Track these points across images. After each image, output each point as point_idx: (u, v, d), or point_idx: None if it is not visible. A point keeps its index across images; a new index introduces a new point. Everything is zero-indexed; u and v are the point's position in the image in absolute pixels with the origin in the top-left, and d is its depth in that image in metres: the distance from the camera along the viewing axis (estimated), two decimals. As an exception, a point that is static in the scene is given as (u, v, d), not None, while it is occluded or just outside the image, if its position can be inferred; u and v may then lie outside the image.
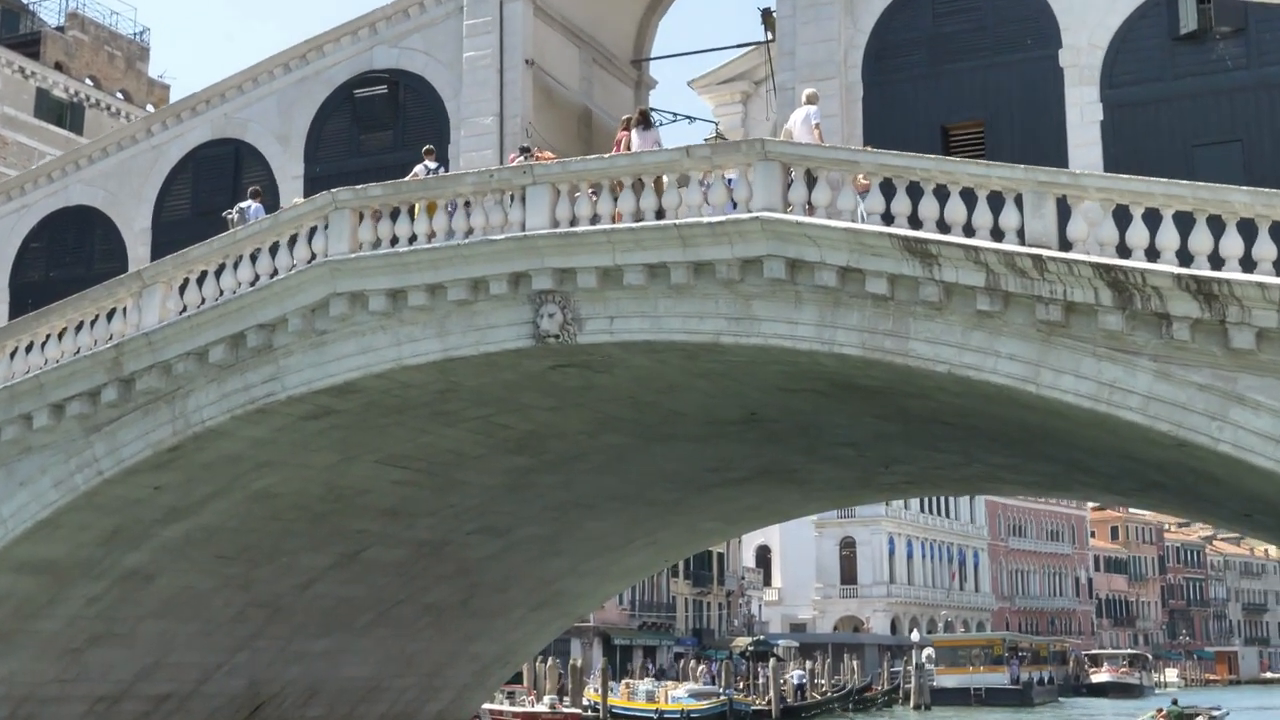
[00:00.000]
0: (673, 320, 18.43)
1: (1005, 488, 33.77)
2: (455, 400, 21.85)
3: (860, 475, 32.23)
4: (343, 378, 20.27)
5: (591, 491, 29.57)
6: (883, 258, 16.94)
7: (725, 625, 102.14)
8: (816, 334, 17.65)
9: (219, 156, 26.33)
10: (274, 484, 23.75)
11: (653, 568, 40.32)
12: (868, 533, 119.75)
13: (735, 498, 33.24)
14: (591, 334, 18.93)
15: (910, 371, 17.73)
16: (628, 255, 18.28)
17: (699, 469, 29.49)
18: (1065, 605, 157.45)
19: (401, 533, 27.92)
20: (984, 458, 28.15)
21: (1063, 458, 25.19)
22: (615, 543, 34.47)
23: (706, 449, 27.48)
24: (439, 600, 31.87)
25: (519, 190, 19.05)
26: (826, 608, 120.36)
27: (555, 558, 33.40)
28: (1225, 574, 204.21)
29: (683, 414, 23.94)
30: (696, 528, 36.11)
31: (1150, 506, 32.18)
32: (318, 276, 19.94)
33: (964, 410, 20.72)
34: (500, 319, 19.36)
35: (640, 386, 21.68)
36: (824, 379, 19.95)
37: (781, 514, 37.81)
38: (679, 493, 31.47)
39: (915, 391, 19.77)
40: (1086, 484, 29.96)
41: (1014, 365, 16.66)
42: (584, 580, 36.43)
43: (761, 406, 23.17)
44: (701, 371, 20.40)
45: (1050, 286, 16.13)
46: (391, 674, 33.48)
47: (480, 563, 31.29)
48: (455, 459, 25.08)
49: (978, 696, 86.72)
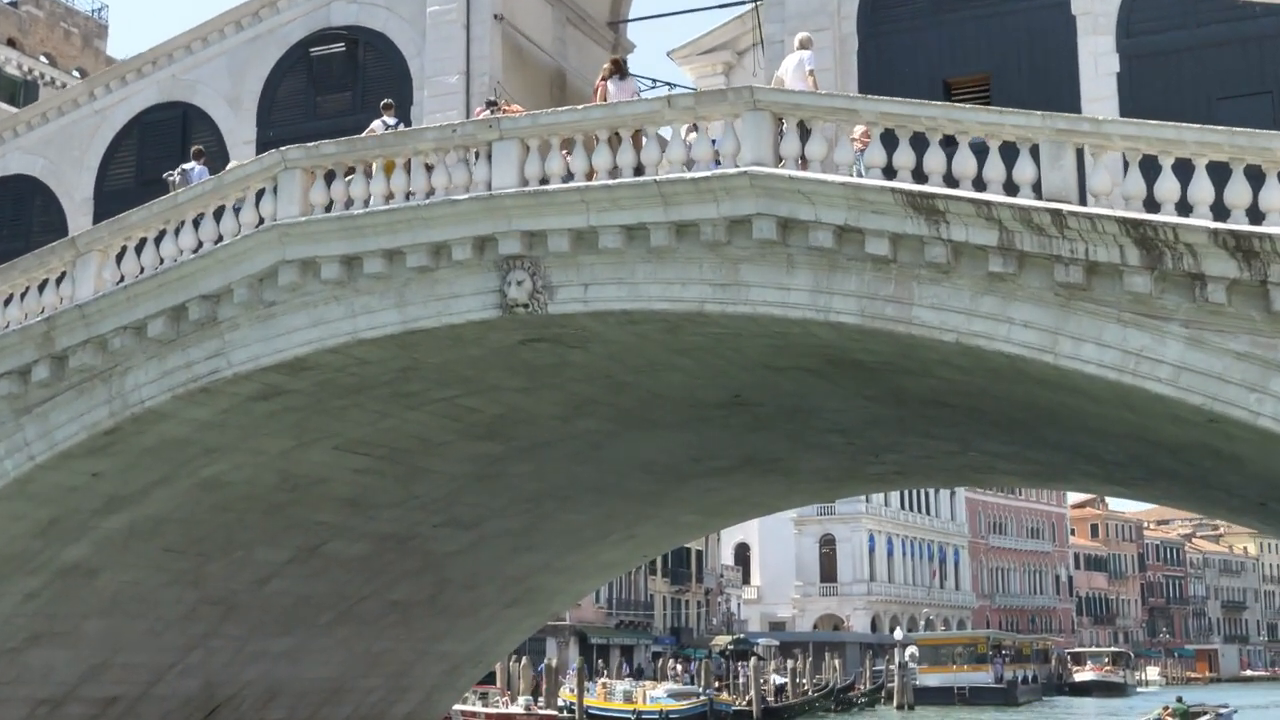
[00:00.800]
0: (652, 288, 16.83)
1: (1000, 479, 32.29)
2: (417, 379, 20.25)
3: (848, 465, 30.70)
4: (293, 353, 18.61)
5: (565, 482, 27.99)
6: (884, 215, 15.37)
7: (704, 624, 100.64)
8: (810, 301, 16.07)
9: (166, 121, 24.60)
10: (223, 471, 22.10)
11: (630, 563, 38.67)
12: (848, 530, 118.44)
13: (717, 489, 31.70)
14: (564, 303, 17.32)
15: (913, 342, 16.17)
16: (603, 216, 16.68)
17: (680, 458, 27.93)
18: (1045, 603, 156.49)
19: (363, 525, 26.29)
20: (981, 445, 26.63)
21: (1067, 444, 23.70)
22: (591, 537, 32.89)
23: (688, 436, 25.94)
24: (405, 597, 30.27)
25: (484, 147, 17.44)
26: (806, 606, 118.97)
27: (527, 552, 31.81)
28: (1204, 572, 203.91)
29: (663, 397, 22.38)
30: (676, 521, 34.53)
31: (1153, 497, 30.73)
32: (265, 242, 18.30)
33: (967, 389, 19.19)
34: (464, 287, 17.74)
35: (617, 365, 20.10)
36: (816, 355, 18.40)
37: (765, 507, 36.24)
38: (658, 483, 29.91)
39: (915, 368, 18.23)
40: (1088, 474, 28.47)
41: (1029, 333, 15.09)
42: (558, 576, 34.84)
43: (747, 388, 21.62)
44: (683, 347, 18.83)
45: (1070, 245, 14.56)
46: (356, 674, 31.86)
47: (448, 557, 29.70)
48: (419, 445, 23.47)
49: (961, 696, 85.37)
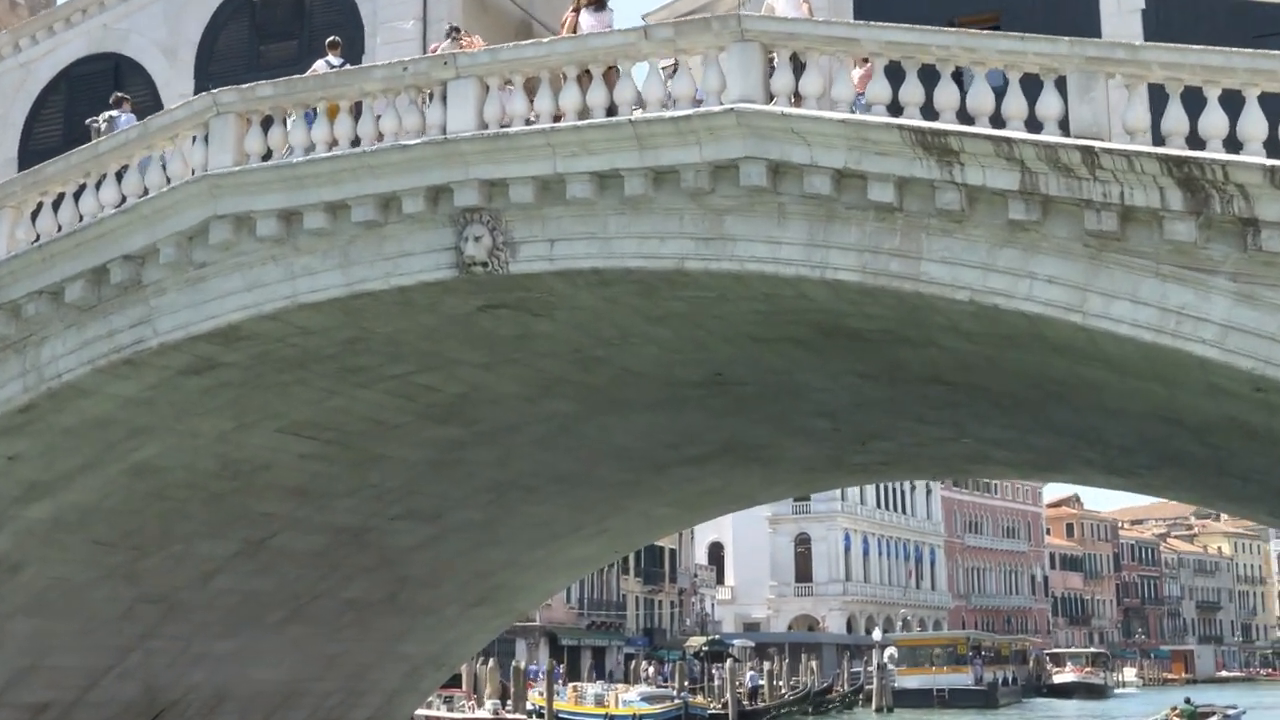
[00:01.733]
0: (626, 243, 14.98)
1: (991, 470, 30.60)
2: (367, 353, 18.36)
3: (833, 454, 28.93)
4: (226, 320, 16.68)
5: (532, 470, 26.13)
6: (890, 157, 13.55)
7: (677, 624, 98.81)
8: (805, 255, 14.24)
9: (96, 74, 22.61)
10: (156, 455, 20.16)
11: (602, 560, 36.85)
12: (823, 529, 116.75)
13: (694, 479, 29.88)
14: (527, 261, 15.45)
15: (919, 304, 14.36)
16: (572, 162, 14.83)
17: (655, 444, 26.11)
18: (1021, 604, 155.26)
19: (314, 517, 24.38)
20: (977, 431, 24.89)
21: (1073, 427, 21.96)
22: (560, 531, 31.04)
23: (663, 420, 24.13)
24: (362, 595, 28.36)
25: (439, 87, 15.55)
26: (781, 606, 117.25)
27: (492, 547, 29.93)
28: (1179, 572, 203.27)
29: (637, 374, 20.56)
30: (650, 514, 32.70)
31: (1153, 488, 29.05)
32: (194, 195, 16.39)
33: (972, 362, 17.42)
34: (416, 244, 15.85)
35: (587, 336, 18.27)
36: (807, 322, 16.59)
37: (743, 499, 34.43)
38: (631, 473, 28.08)
39: (916, 337, 16.43)
40: (1088, 462, 26.74)
41: (1054, 290, 13.28)
42: (525, 573, 32.97)
43: (729, 364, 19.82)
44: (660, 314, 16.99)
45: (1103, 188, 12.76)
46: (310, 677, 29.93)
47: (407, 553, 27.81)
48: (372, 428, 21.59)
49: (940, 698, 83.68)
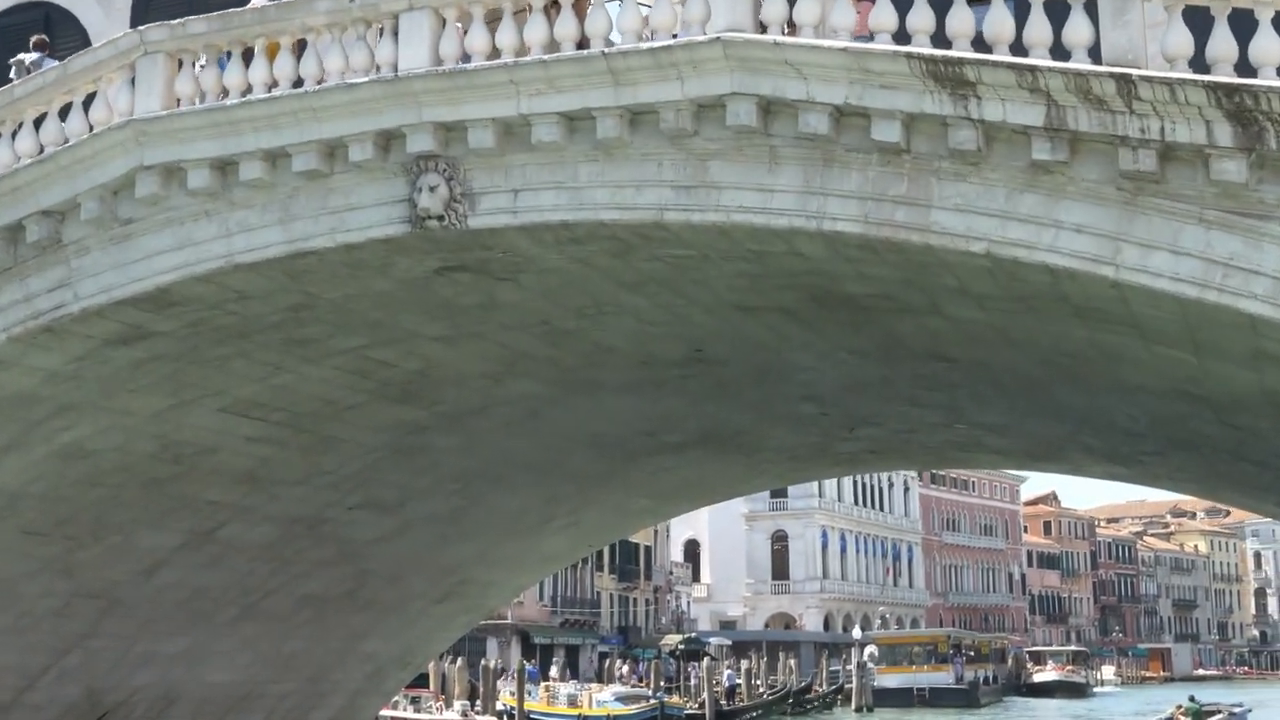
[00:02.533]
0: (599, 192, 13.36)
1: (984, 458, 29.10)
2: (314, 322, 16.72)
3: (818, 442, 27.39)
4: (154, 282, 15.01)
5: (499, 458, 24.53)
6: (896, 91, 11.96)
7: (653, 623, 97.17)
8: (799, 204, 12.64)
9: (24, 24, 20.83)
10: (86, 436, 18.48)
11: (574, 555, 35.25)
12: (800, 526, 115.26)
13: (671, 469, 28.32)
14: (488, 215, 13.82)
15: (927, 260, 12.79)
16: (538, 101, 13.21)
17: (630, 431, 24.55)
18: (999, 601, 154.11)
19: (265, 506, 22.72)
20: (973, 415, 23.39)
21: (1079, 408, 20.45)
22: (530, 524, 29.44)
23: (639, 404, 22.56)
24: (320, 591, 26.71)
25: (390, 20, 13.92)
26: (758, 604, 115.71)
27: (458, 541, 28.32)
28: (1156, 570, 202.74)
29: (611, 351, 18.98)
30: (625, 507, 31.14)
31: (1156, 478, 27.53)
32: (119, 143, 14.73)
33: (978, 333, 15.87)
34: (365, 196, 14.21)
35: (556, 306, 16.66)
36: (798, 287, 15.01)
37: (723, 491, 32.87)
38: (605, 462, 26.52)
39: (918, 303, 14.87)
40: (1088, 449, 25.28)
41: (1083, 240, 11.71)
42: (494, 569, 31.35)
43: (711, 339, 18.24)
44: (636, 279, 15.40)
45: (1141, 122, 11.20)
46: (266, 678, 28.26)
47: (367, 546, 26.18)
48: (324, 409, 19.95)
49: (921, 697, 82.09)
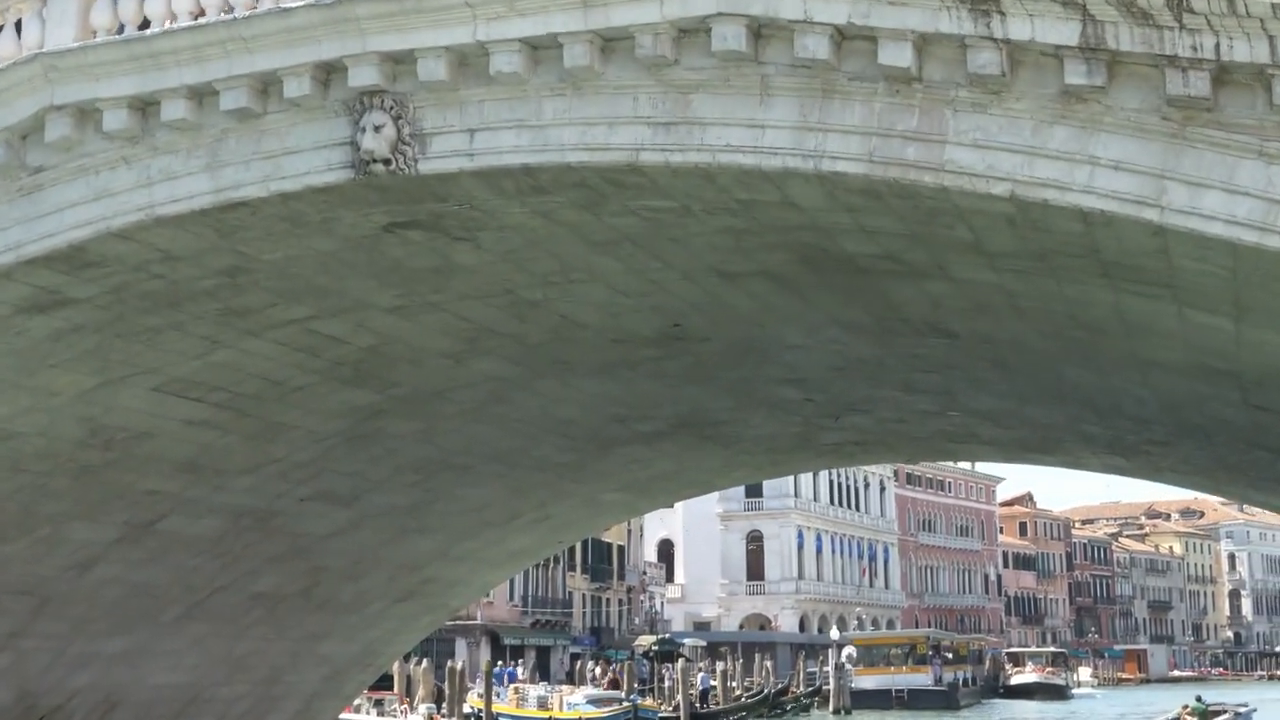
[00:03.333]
0: (566, 131, 11.76)
1: (976, 450, 27.61)
2: (253, 289, 15.09)
3: (800, 431, 25.86)
4: (67, 238, 13.34)
5: (461, 447, 22.95)
6: (908, 7, 10.38)
7: (626, 623, 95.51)
8: (795, 142, 11.07)
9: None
10: (5, 418, 16.76)
11: (543, 551, 33.63)
12: (776, 526, 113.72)
13: (645, 461, 26.77)
14: (440, 158, 12.20)
15: (939, 207, 11.22)
16: (497, 26, 11.60)
17: (601, 418, 22.99)
18: (975, 603, 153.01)
19: (209, 497, 21.09)
20: (969, 401, 21.90)
21: (1085, 392, 18.98)
22: (496, 518, 27.85)
23: (612, 387, 21.01)
24: (272, 588, 25.10)
25: (330, -61, 12.36)
26: (732, 605, 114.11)
27: (419, 536, 26.73)
28: (1131, 571, 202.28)
29: (580, 327, 17.40)
30: (597, 500, 29.54)
31: (1158, 469, 26.04)
32: (25, 80, 13.08)
33: (987, 300, 14.35)
34: (302, 139, 12.58)
35: (519, 271, 15.07)
36: (789, 246, 13.45)
37: (699, 484, 31.31)
38: (575, 452, 24.93)
39: (924, 264, 13.32)
40: (1089, 439, 23.80)
41: (1122, 178, 10.16)
42: (459, 566, 29.76)
43: (690, 311, 16.68)
44: (607, 238, 13.82)
45: (1193, 39, 9.66)
46: (216, 680, 26.60)
47: (322, 541, 24.58)
48: (269, 390, 18.32)
49: (900, 699, 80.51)
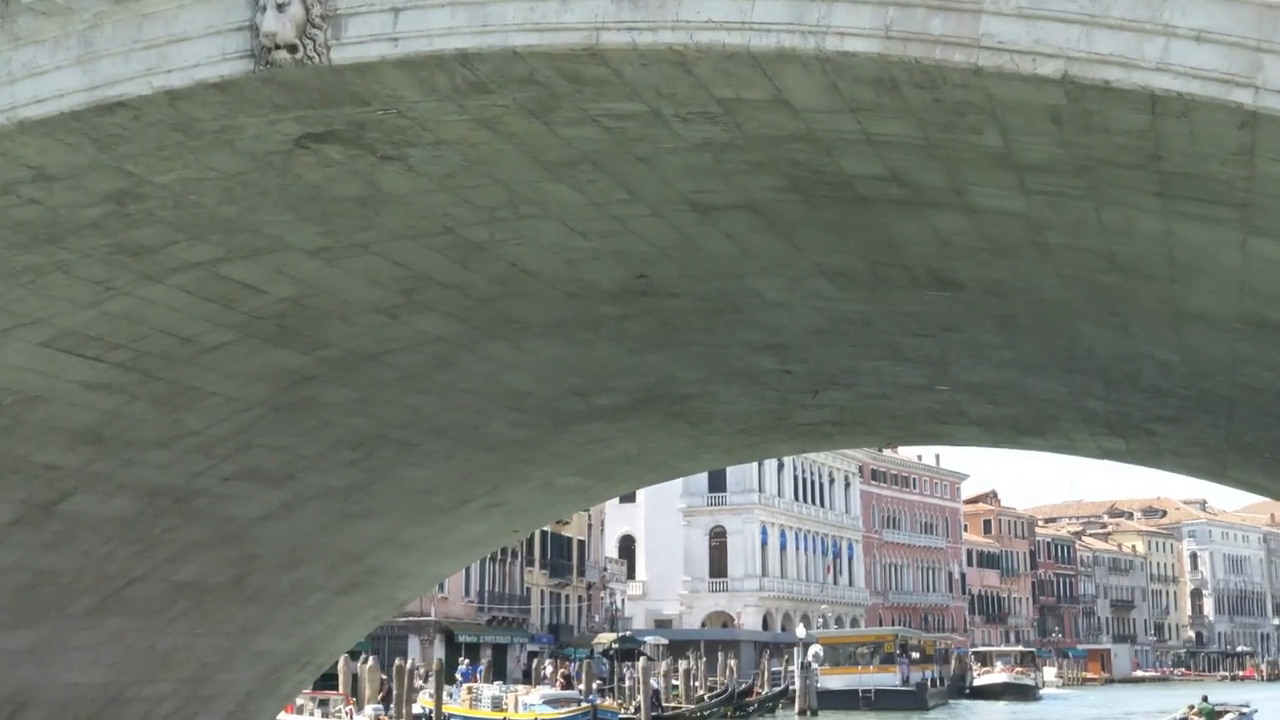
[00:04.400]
0: (511, 8, 9.56)
1: (962, 433, 25.55)
2: (147, 221, 12.86)
3: (774, 409, 23.79)
4: (-89, 148, 11.20)
5: (403, 421, 20.79)
6: None
7: (585, 621, 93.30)
8: (794, 15, 8.94)
9: None
10: None
11: (497, 540, 31.41)
12: (739, 521, 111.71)
13: (606, 440, 24.66)
14: (358, 43, 10.00)
15: (969, 100, 9.14)
16: (425, -126, 9.51)
17: (557, 389, 20.86)
18: (939, 601, 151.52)
19: (118, 472, 18.84)
20: (963, 371, 19.86)
21: (1101, 355, 16.94)
22: (445, 503, 25.69)
23: (569, 352, 18.88)
24: (197, 578, 22.86)
25: None
26: (694, 602, 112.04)
27: (361, 521, 24.52)
28: (1094, 570, 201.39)
29: (532, 275, 15.27)
30: (554, 484, 27.38)
31: (1160, 453, 24.04)
32: None
33: (1005, 235, 12.28)
34: (191, 24, 10.36)
35: (460, 202, 12.91)
36: (779, 164, 11.32)
37: (664, 468, 29.13)
38: (530, 428, 22.79)
39: (937, 188, 11.23)
40: (1090, 416, 21.83)
41: (1206, 52, 8.08)
42: (406, 555, 27.56)
43: (657, 258, 14.56)
44: (563, 156, 11.66)
45: None
46: (138, 678, 24.33)
47: (252, 525, 22.37)
48: (180, 349, 16.11)
49: (867, 699, 78.44)
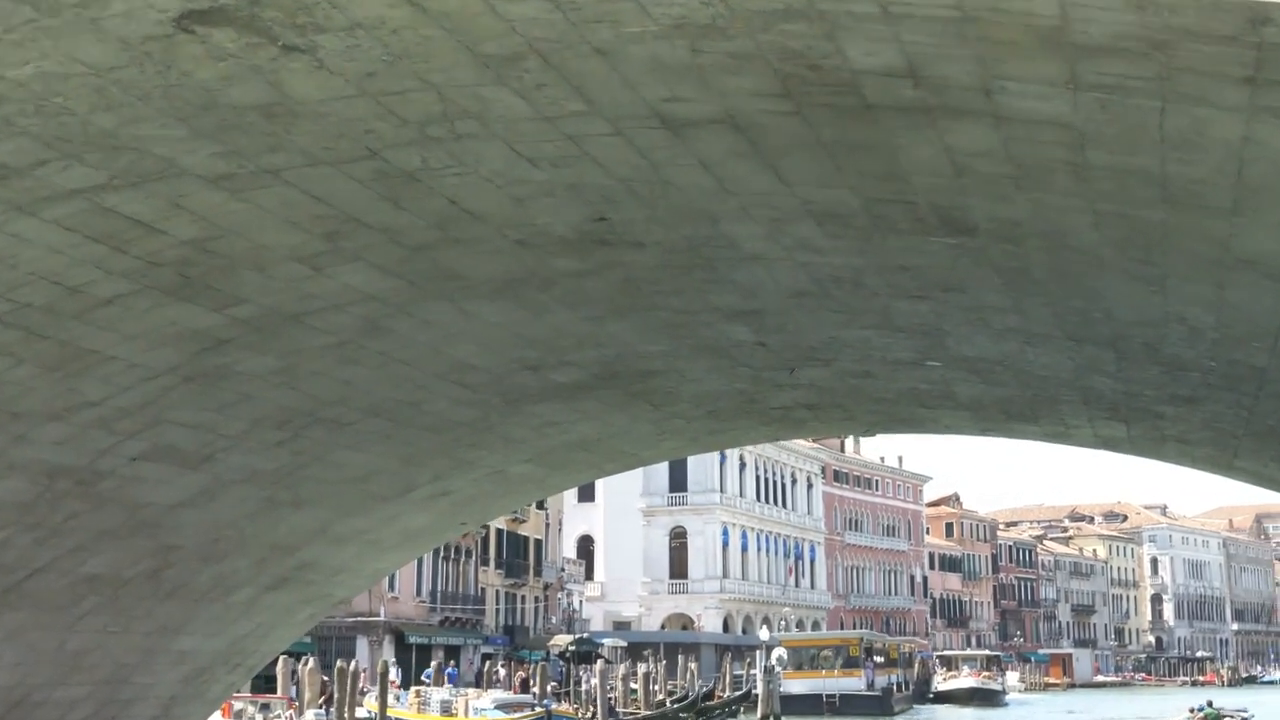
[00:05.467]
0: None
1: (947, 419, 23.56)
2: (4, 129, 10.71)
3: (746, 389, 21.77)
4: None
5: (335, 395, 18.65)
6: None
7: (542, 622, 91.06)
8: None
9: None
10: None
11: (444, 534, 29.09)
12: (700, 522, 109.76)
13: (562, 424, 22.59)
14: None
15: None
16: None
17: (507, 362, 18.76)
18: (901, 604, 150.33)
19: (9, 450, 16.57)
20: (958, 345, 17.88)
21: (1119, 318, 14.96)
22: (385, 491, 23.55)
23: (519, 316, 16.78)
24: (109, 570, 20.66)
25: None
26: (654, 604, 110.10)
27: (291, 510, 22.37)
28: (1055, 574, 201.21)
29: (475, 216, 13.16)
30: (505, 472, 25.25)
31: (1163, 442, 22.20)
32: None
33: (1041, 154, 10.24)
34: None
35: (386, 113, 10.76)
36: (768, 58, 9.26)
37: (624, 456, 26.93)
38: (476, 407, 20.69)
39: (964, 87, 9.19)
40: (1094, 397, 19.91)
41: None
42: (343, 548, 25.40)
43: (620, 193, 12.48)
44: (506, 49, 9.54)
45: None
46: (46, 680, 22.09)
47: (169, 512, 20.20)
48: (66, 300, 13.92)
49: (831, 704, 76.48)
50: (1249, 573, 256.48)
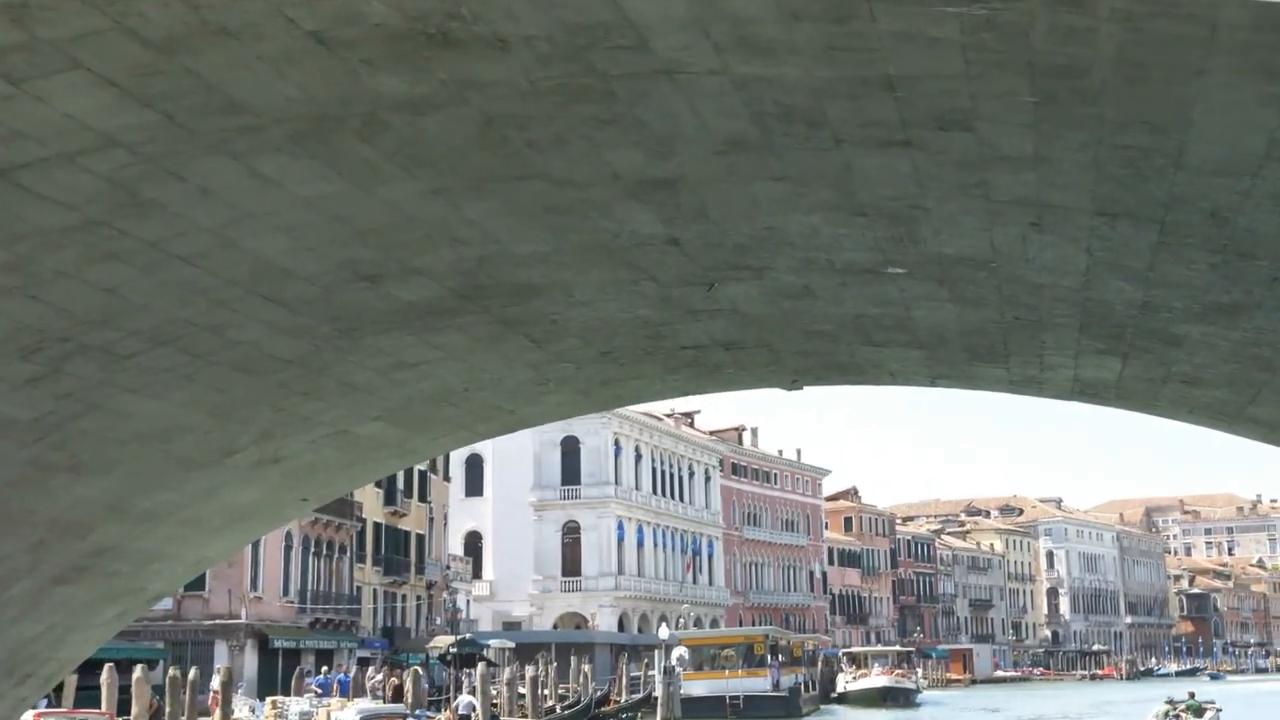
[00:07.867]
0: None
1: (901, 358, 19.07)
2: None
3: (651, 314, 17.16)
4: None
5: (96, 308, 13.71)
6: None
7: (425, 623, 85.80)
8: None
9: None
10: None
11: (280, 512, 23.88)
12: (594, 516, 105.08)
13: (418, 366, 17.85)
14: None
15: None
16: None
17: (331, 264, 14.00)
18: (800, 601, 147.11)
19: None
20: (937, 233, 13.37)
21: (1186, 169, 10.49)
22: (195, 454, 18.62)
23: (336, 188, 12.04)
24: None
25: None
26: (546, 603, 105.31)
27: (71, 478, 17.38)
28: (954, 569, 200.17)
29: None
30: (353, 434, 20.36)
31: (1162, 383, 18.05)
32: None
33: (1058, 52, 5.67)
34: None
35: None
36: None
37: (500, 413, 21.96)
38: (301, 336, 15.84)
39: None
40: (1092, 320, 15.54)
41: None
42: (150, 530, 20.41)
43: None
44: None
45: None
46: None
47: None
48: None
49: (735, 706, 72.00)
50: (1141, 566, 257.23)
